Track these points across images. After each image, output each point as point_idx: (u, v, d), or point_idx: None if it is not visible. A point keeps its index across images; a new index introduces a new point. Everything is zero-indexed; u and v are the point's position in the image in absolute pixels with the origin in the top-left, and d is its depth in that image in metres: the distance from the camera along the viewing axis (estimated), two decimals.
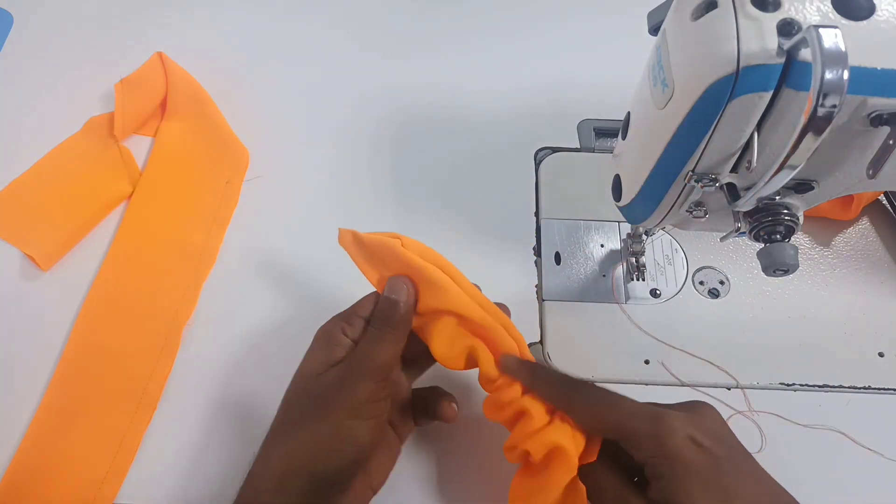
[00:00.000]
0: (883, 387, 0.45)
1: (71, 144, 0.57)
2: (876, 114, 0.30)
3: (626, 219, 0.42)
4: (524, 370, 0.37)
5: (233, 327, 0.48)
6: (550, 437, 0.35)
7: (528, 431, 0.35)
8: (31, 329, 0.48)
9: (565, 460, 0.34)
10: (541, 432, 0.35)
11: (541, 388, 0.36)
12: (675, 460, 0.31)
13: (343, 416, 0.35)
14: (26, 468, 0.42)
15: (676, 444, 0.31)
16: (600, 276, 0.50)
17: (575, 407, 0.35)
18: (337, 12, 0.67)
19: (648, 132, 0.36)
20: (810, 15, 0.29)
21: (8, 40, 0.64)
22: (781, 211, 0.35)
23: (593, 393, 0.35)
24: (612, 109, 0.59)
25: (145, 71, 0.59)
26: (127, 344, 0.47)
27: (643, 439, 0.32)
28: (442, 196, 0.55)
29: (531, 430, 0.35)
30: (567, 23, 0.67)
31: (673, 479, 0.31)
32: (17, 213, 0.53)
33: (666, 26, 0.33)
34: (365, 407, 0.35)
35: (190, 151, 0.57)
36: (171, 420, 0.44)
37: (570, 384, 0.36)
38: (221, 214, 0.53)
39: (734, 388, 0.45)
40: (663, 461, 0.31)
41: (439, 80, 0.62)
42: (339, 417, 0.35)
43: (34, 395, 0.45)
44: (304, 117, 0.60)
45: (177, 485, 0.42)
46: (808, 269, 0.51)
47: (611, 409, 0.34)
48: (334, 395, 0.35)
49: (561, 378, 0.37)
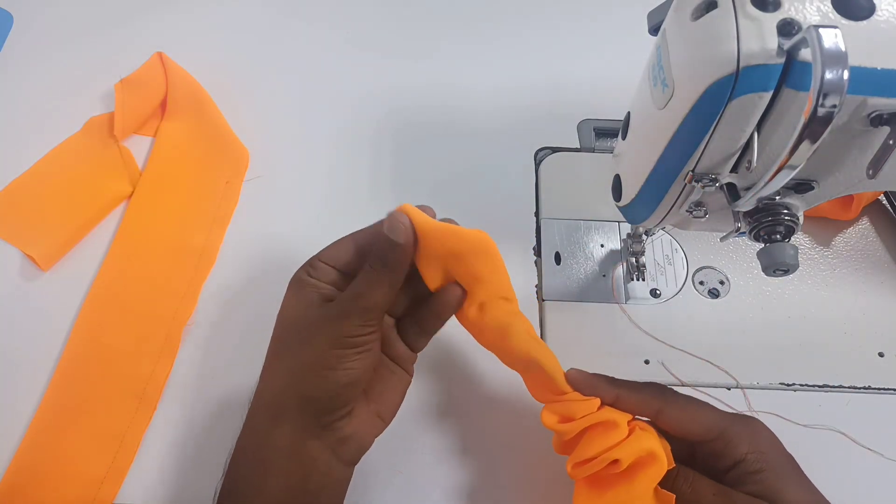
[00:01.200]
0: (883, 387, 0.45)
1: (71, 144, 0.57)
2: (876, 114, 0.30)
3: (626, 219, 0.42)
4: (603, 383, 0.37)
5: (233, 327, 0.48)
6: (643, 444, 0.34)
7: (614, 441, 0.35)
8: (31, 329, 0.48)
9: (655, 466, 0.34)
10: (630, 440, 0.35)
11: (629, 398, 0.36)
12: (770, 455, 0.34)
13: (327, 346, 0.34)
14: (26, 468, 0.42)
15: (768, 441, 0.35)
16: (600, 276, 0.50)
17: (669, 411, 0.36)
18: (337, 12, 0.67)
19: (648, 132, 0.36)
20: (810, 15, 0.29)
21: (8, 40, 0.64)
22: (781, 211, 0.35)
23: (682, 397, 0.36)
24: (612, 109, 0.59)
25: (145, 71, 0.59)
26: (127, 344, 0.47)
27: (741, 437, 0.34)
28: (442, 196, 0.55)
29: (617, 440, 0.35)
30: (567, 23, 0.67)
31: (773, 471, 0.34)
32: (17, 213, 0.53)
33: (666, 26, 0.33)
34: (351, 339, 0.34)
35: (190, 151, 0.57)
36: (171, 420, 0.44)
37: (658, 390, 0.37)
38: (221, 214, 0.53)
39: (734, 388, 0.45)
40: (761, 455, 0.34)
41: (439, 81, 0.62)
42: (322, 346, 0.34)
43: (34, 394, 0.45)
44: (304, 117, 0.60)
45: (177, 485, 0.42)
46: (808, 269, 0.51)
47: (705, 411, 0.36)
48: (319, 327, 0.35)
49: (644, 386, 0.37)
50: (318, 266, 0.37)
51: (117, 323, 0.48)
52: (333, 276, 0.37)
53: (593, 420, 0.36)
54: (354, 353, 0.34)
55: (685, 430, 0.36)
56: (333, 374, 0.34)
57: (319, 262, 0.37)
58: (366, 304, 0.35)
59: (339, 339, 0.34)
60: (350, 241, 0.38)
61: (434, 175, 0.56)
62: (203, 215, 0.53)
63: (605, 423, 0.36)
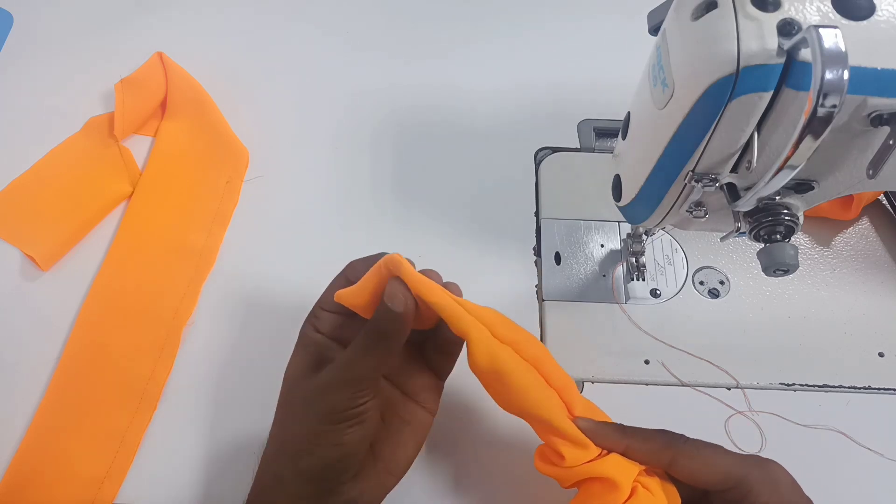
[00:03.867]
0: (883, 387, 0.45)
1: (71, 144, 0.57)
2: (876, 114, 0.30)
3: (626, 219, 0.42)
4: (613, 433, 0.35)
5: (233, 327, 0.48)
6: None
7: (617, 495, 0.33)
8: (31, 329, 0.48)
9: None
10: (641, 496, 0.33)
11: (639, 449, 0.35)
12: None
13: (316, 421, 0.33)
14: (26, 468, 0.42)
15: (789, 488, 0.33)
16: (600, 276, 0.50)
17: (681, 460, 0.34)
18: (338, 13, 0.67)
19: (648, 132, 0.36)
20: (810, 15, 0.29)
21: (8, 40, 0.64)
22: (781, 211, 0.35)
23: (694, 443, 0.34)
24: (612, 109, 0.59)
25: (145, 71, 0.59)
26: (127, 344, 0.47)
27: (761, 485, 0.32)
28: (442, 196, 0.55)
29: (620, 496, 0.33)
30: (567, 23, 0.67)
31: None
32: (17, 213, 0.53)
33: (666, 26, 0.33)
34: (342, 413, 0.33)
35: (190, 151, 0.57)
36: (171, 420, 0.44)
37: (668, 439, 0.35)
38: (221, 214, 0.53)
39: (734, 388, 0.45)
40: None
41: (439, 81, 0.62)
42: (312, 421, 0.34)
43: (34, 394, 0.45)
44: (304, 117, 0.60)
45: (177, 485, 0.42)
46: (808, 269, 0.51)
47: (720, 458, 0.34)
48: (310, 399, 0.34)
49: (655, 434, 0.35)
50: (321, 316, 0.36)
51: (117, 323, 0.48)
52: (338, 322, 0.36)
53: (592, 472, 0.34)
54: (346, 427, 0.33)
55: (700, 479, 0.34)
56: (322, 450, 0.33)
57: (322, 311, 0.36)
58: (357, 373, 0.33)
59: (327, 415, 0.33)
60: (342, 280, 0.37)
61: (434, 175, 0.56)
62: (203, 215, 0.53)
63: (602, 482, 0.34)
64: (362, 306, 0.35)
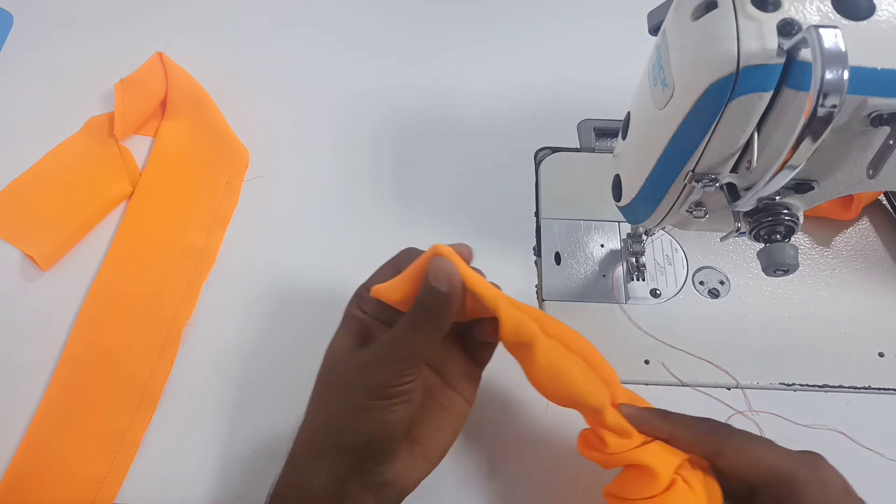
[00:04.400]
0: (883, 387, 0.45)
1: (71, 144, 0.57)
2: (876, 114, 0.30)
3: (626, 219, 0.42)
4: (656, 419, 0.35)
5: (233, 327, 0.48)
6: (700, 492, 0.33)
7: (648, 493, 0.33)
8: (31, 329, 0.48)
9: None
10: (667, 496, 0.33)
11: (683, 436, 0.34)
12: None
13: (362, 396, 0.33)
14: (26, 468, 0.42)
15: (839, 489, 0.32)
16: (600, 276, 0.50)
17: (728, 452, 0.33)
18: (338, 13, 0.67)
19: (648, 132, 0.36)
20: (810, 15, 0.29)
21: (8, 40, 0.64)
22: (781, 211, 0.35)
23: (742, 435, 0.34)
24: (612, 109, 0.59)
25: (145, 71, 0.59)
26: (127, 344, 0.47)
27: (810, 485, 0.32)
28: (442, 196, 0.55)
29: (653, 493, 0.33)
30: (567, 23, 0.67)
31: None
32: (17, 213, 0.53)
33: (666, 26, 0.33)
34: (387, 390, 0.33)
35: (190, 151, 0.57)
36: (171, 420, 0.44)
37: (715, 427, 0.34)
38: (221, 214, 0.53)
39: (734, 388, 0.45)
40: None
41: (439, 81, 0.62)
42: (357, 396, 0.33)
43: (34, 394, 0.45)
44: (305, 117, 0.60)
45: (177, 485, 0.42)
46: (808, 269, 0.51)
47: (768, 452, 0.33)
48: (355, 375, 0.34)
49: (701, 422, 0.35)
50: (367, 297, 0.36)
51: (117, 323, 0.48)
52: (382, 303, 0.36)
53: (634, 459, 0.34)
54: (390, 405, 0.33)
55: (745, 472, 0.33)
56: (367, 425, 0.33)
57: (367, 292, 0.36)
58: (403, 352, 0.33)
59: (373, 390, 0.33)
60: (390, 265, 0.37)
61: (434, 175, 0.56)
62: (203, 215, 0.53)
63: (642, 470, 0.34)
64: (401, 300, 0.35)
